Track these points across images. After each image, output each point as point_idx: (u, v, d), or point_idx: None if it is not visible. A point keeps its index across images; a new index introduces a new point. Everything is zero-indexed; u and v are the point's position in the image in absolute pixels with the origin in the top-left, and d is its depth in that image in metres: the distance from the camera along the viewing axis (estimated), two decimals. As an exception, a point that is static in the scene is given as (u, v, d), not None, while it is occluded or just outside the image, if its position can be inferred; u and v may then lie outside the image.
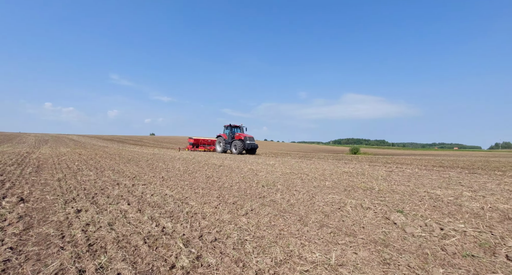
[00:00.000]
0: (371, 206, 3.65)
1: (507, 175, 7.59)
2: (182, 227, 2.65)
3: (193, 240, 2.32)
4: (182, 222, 2.81)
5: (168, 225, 2.67)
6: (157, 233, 2.47)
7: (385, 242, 2.38)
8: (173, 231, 2.54)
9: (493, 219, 3.06)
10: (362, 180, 6.23)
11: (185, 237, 2.39)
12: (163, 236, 2.37)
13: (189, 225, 2.70)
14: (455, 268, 1.87)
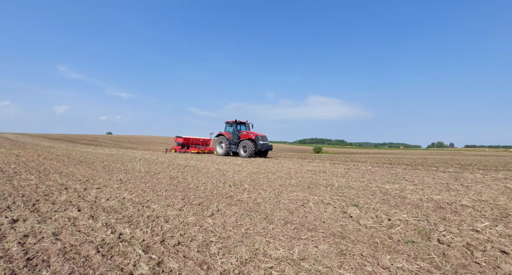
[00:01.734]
0: (331, 201, 3.92)
1: (440, 170, 8.87)
2: (142, 232, 2.49)
3: (154, 246, 2.19)
4: (142, 227, 2.64)
5: (126, 231, 2.48)
6: (112, 240, 2.27)
7: (342, 234, 2.58)
8: (131, 237, 2.36)
9: (429, 208, 3.55)
10: (323, 178, 6.63)
11: (145, 242, 2.25)
12: (120, 244, 2.19)
13: (150, 229, 2.55)
14: (399, 254, 2.11)
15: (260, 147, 14.23)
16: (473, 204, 3.77)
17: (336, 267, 1.85)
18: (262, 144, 14.28)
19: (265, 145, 14.44)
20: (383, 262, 1.91)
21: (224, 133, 16.14)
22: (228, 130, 16.40)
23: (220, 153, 15.89)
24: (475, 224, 2.81)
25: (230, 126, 16.32)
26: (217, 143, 16.32)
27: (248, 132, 15.11)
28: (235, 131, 15.69)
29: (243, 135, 15.18)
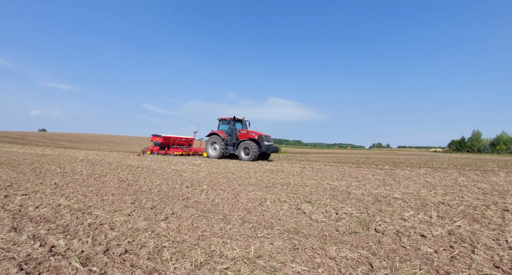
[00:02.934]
0: (287, 199, 4.11)
1: (378, 168, 10.15)
2: (80, 242, 2.19)
3: (96, 257, 1.96)
4: (82, 236, 2.33)
5: (60, 243, 2.15)
6: (41, 255, 1.94)
7: (296, 230, 2.73)
8: (66, 249, 2.06)
9: (369, 201, 4.02)
10: (281, 176, 6.91)
11: (85, 254, 1.99)
12: (51, 257, 1.89)
13: (91, 239, 2.26)
14: (344, 244, 2.34)
15: (265, 148, 12.43)
16: (403, 196, 4.43)
17: (289, 262, 1.95)
18: (268, 145, 12.54)
19: (270, 147, 12.77)
20: (330, 253, 2.09)
21: (218, 132, 13.73)
22: (223, 129, 14.09)
23: (213, 155, 13.64)
24: (403, 214, 3.30)
25: (227, 124, 14.00)
26: (209, 144, 13.88)
27: (248, 131, 13.13)
28: (234, 130, 13.46)
29: (243, 135, 13.11)
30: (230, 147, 13.32)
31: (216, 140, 13.48)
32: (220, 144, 13.24)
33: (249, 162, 12.00)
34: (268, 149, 12.56)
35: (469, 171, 9.48)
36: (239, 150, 12.71)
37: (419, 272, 1.82)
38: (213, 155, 13.60)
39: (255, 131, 12.97)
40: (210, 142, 13.82)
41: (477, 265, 1.95)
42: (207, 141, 14.18)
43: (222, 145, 13.17)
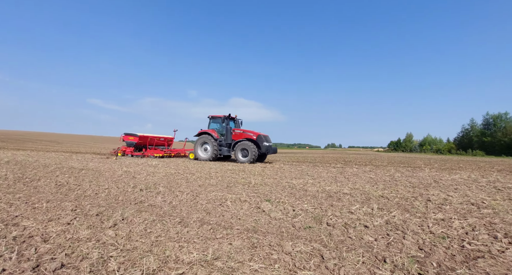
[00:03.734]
0: (247, 198, 4.15)
1: (331, 166, 11.03)
2: (1, 260, 1.84)
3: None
4: (4, 252, 1.96)
5: (-28, 263, 1.77)
6: None
7: (255, 228, 2.78)
8: (-19, 270, 1.71)
9: (322, 198, 4.34)
10: (242, 176, 6.95)
11: (7, 273, 1.68)
12: (-42, 283, 1.54)
13: (15, 255, 1.92)
14: (299, 239, 2.48)
15: (264, 149, 11.64)
16: (351, 191, 4.90)
17: (247, 261, 1.97)
18: (267, 146, 11.73)
19: (270, 147, 11.96)
20: (286, 249, 2.19)
21: (209, 131, 12.48)
22: (215, 127, 12.89)
23: (204, 157, 12.34)
24: (351, 207, 3.66)
25: (221, 122, 12.70)
26: (198, 144, 12.52)
27: (244, 131, 12.14)
28: (229, 129, 12.21)
29: (238, 134, 12.11)
30: (225, 148, 12.16)
31: (208, 140, 12.20)
32: (212, 145, 12.01)
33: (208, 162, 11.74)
34: (268, 150, 11.76)
35: (403, 167, 11.03)
36: (236, 151, 11.71)
37: (361, 259, 2.04)
38: (204, 157, 12.32)
39: (252, 130, 12.08)
40: (200, 142, 12.44)
41: (407, 248, 2.28)
42: (196, 141, 12.64)
43: (215, 145, 11.97)
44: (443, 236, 2.57)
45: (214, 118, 13.05)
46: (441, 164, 13.80)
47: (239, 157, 11.63)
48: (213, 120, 13.10)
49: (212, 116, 13.11)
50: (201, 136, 12.57)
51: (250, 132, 11.90)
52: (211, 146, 12.12)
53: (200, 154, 12.54)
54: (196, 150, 12.58)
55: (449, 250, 2.26)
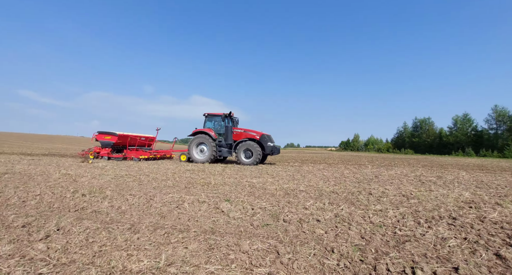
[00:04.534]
0: (206, 199, 4.05)
1: (290, 165, 11.57)
2: None
3: None
4: None
5: None
6: None
7: (213, 229, 2.73)
8: None
9: (280, 195, 4.52)
10: (202, 176, 6.76)
11: None
12: None
13: None
14: (257, 237, 2.53)
15: (269, 150, 10.98)
16: (306, 188, 5.22)
17: (203, 263, 1.92)
18: (272, 146, 11.09)
19: (275, 148, 11.29)
20: (243, 248, 2.21)
21: (206, 130, 11.43)
22: (212, 126, 11.91)
23: (200, 159, 11.25)
24: (306, 203, 3.90)
25: (221, 121, 11.73)
26: (194, 145, 11.37)
27: (246, 130, 11.39)
28: (229, 128, 11.34)
29: (239, 134, 11.37)
30: (225, 148, 11.33)
31: (205, 140, 11.16)
32: (210, 145, 11.06)
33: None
34: (273, 150, 11.17)
35: (351, 165, 12.25)
36: (238, 152, 10.93)
37: (313, 252, 2.19)
38: (200, 159, 11.26)
39: (254, 130, 11.45)
40: (196, 143, 11.33)
41: (351, 238, 2.54)
42: (190, 142, 11.45)
43: (213, 146, 11.05)
44: (380, 224, 2.94)
45: (211, 117, 12.02)
46: (381, 161, 15.75)
47: (242, 159, 10.89)
48: (209, 119, 12.07)
49: (209, 114, 12.02)
50: (197, 136, 11.41)
51: (253, 132, 11.30)
52: (209, 147, 11.13)
53: (196, 155, 11.41)
54: (191, 151, 11.38)
55: (384, 236, 2.59)
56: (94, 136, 12.37)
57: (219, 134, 11.71)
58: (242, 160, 10.85)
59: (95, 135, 12.29)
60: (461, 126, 37.19)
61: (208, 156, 11.13)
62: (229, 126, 11.39)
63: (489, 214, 3.33)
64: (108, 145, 11.97)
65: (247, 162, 10.75)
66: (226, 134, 11.33)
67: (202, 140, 11.27)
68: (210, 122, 12.06)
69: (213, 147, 11.02)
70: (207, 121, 12.07)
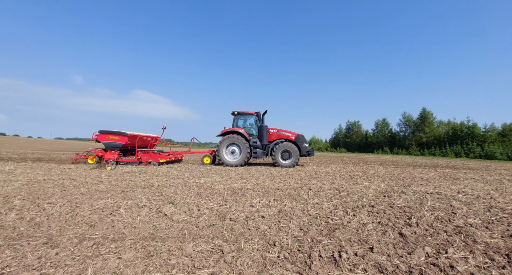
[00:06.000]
0: (147, 203, 3.74)
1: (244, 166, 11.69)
2: None
3: None
4: None
5: None
6: None
7: (153, 235, 2.54)
8: None
9: (228, 194, 4.53)
10: (143, 178, 6.20)
11: None
12: None
13: None
14: (202, 238, 2.48)
15: (304, 151, 10.51)
16: (254, 187, 5.38)
17: (139, 273, 1.78)
18: (307, 147, 10.60)
19: (311, 149, 10.82)
20: (186, 251, 2.14)
21: (238, 130, 10.35)
22: (243, 125, 11.02)
23: (232, 161, 10.22)
24: (252, 201, 4.02)
25: (249, 119, 11.00)
26: (224, 146, 10.28)
27: (279, 130, 10.78)
28: (265, 129, 10.56)
29: (272, 134, 10.76)
30: (260, 150, 10.48)
31: (238, 141, 10.18)
32: (244, 147, 10.14)
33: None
34: (309, 152, 10.78)
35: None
36: (275, 153, 10.29)
37: (256, 247, 2.28)
38: (232, 161, 10.25)
39: (287, 130, 10.93)
40: (226, 144, 10.29)
41: (292, 231, 2.75)
42: (220, 142, 10.32)
43: (247, 147, 10.15)
44: (316, 216, 3.28)
45: (242, 115, 11.13)
46: (320, 160, 17.51)
47: (279, 160, 10.33)
48: (239, 117, 11.15)
49: (239, 112, 11.04)
50: (228, 136, 10.34)
51: (287, 132, 10.84)
52: (243, 148, 10.23)
53: (226, 157, 10.40)
54: (221, 152, 10.35)
55: (319, 227, 2.90)
56: (94, 137, 10.26)
57: (249, 135, 11.02)
58: (280, 162, 10.36)
59: (96, 135, 10.19)
60: (381, 129, 44.58)
61: (242, 158, 10.26)
62: (265, 126, 10.70)
63: (397, 201, 4.12)
64: (116, 147, 10.06)
65: (285, 164, 10.35)
66: (261, 134, 10.67)
67: (234, 141, 10.29)
68: (241, 121, 11.23)
69: (247, 148, 10.22)
70: (238, 120, 11.21)
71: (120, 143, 10.08)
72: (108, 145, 10.19)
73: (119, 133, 10.12)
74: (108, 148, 10.20)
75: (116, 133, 10.14)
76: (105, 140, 10.21)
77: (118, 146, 10.09)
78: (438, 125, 35.82)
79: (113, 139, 10.19)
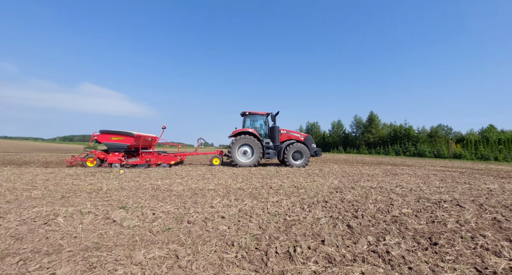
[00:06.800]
0: (93, 209, 3.36)
1: (201, 164, 11.37)
2: None
3: None
4: None
5: None
6: None
7: (98, 244, 2.29)
8: None
9: (187, 196, 4.36)
10: (90, 182, 5.56)
11: None
12: None
13: None
14: (155, 244, 2.33)
15: (313, 152, 10.88)
16: (215, 187, 5.29)
17: (79, 288, 1.58)
18: (315, 148, 10.94)
19: (318, 150, 11.13)
20: (136, 259, 1.98)
21: (251, 131, 10.36)
22: (254, 125, 11.09)
23: (246, 162, 10.24)
24: (213, 202, 3.95)
25: (259, 120, 11.13)
26: (237, 146, 10.20)
27: (289, 131, 11.10)
28: (277, 129, 10.73)
29: (284, 135, 11.01)
30: (272, 150, 10.64)
31: (251, 141, 10.19)
32: (257, 147, 10.21)
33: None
34: (317, 152, 11.08)
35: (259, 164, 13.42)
36: (287, 153, 10.39)
37: (214, 248, 2.25)
38: (246, 162, 10.22)
39: (296, 131, 11.28)
40: (239, 144, 10.18)
41: (251, 229, 2.78)
42: (233, 143, 10.15)
43: (260, 148, 10.23)
44: (275, 214, 3.39)
45: (252, 115, 11.11)
46: (283, 159, 18.17)
47: (292, 161, 10.48)
48: (250, 118, 11.13)
49: (250, 113, 11.00)
50: (240, 137, 10.22)
51: (296, 133, 11.16)
52: (256, 149, 10.24)
53: (239, 158, 10.33)
54: (234, 153, 10.19)
55: (277, 223, 3.00)
56: (94, 137, 9.39)
57: (261, 135, 11.12)
58: (293, 162, 10.52)
59: (96, 136, 9.31)
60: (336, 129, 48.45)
61: (256, 158, 10.27)
62: (277, 127, 10.79)
63: (347, 196, 4.51)
64: (120, 149, 9.36)
65: (297, 164, 10.52)
66: (273, 135, 10.79)
67: (247, 141, 10.24)
68: (253, 122, 11.24)
69: (260, 149, 10.28)
70: (250, 120, 11.19)
71: (126, 144, 9.31)
72: (112, 146, 9.35)
73: (124, 133, 9.33)
74: (112, 149, 9.38)
75: (121, 133, 9.34)
76: (107, 141, 9.33)
77: (123, 147, 9.34)
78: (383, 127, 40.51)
79: (117, 140, 9.35)
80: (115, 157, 9.23)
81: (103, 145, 9.56)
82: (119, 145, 9.38)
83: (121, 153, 9.46)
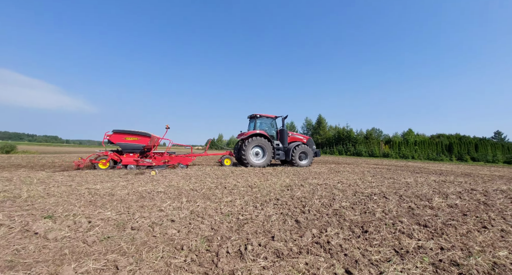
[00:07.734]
0: (6, 221, 2.78)
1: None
2: None
3: None
4: None
5: None
6: None
7: (12, 262, 1.90)
8: None
9: (132, 200, 3.99)
10: (3, 188, 4.57)
11: None
12: None
13: None
14: (89, 256, 2.06)
15: (315, 153, 12.07)
16: (166, 189, 4.98)
17: (-19, 319, 1.29)
18: (317, 150, 12.18)
19: (317, 151, 12.23)
20: (65, 274, 1.72)
21: (262, 133, 10.65)
22: (263, 127, 11.47)
23: (258, 163, 10.46)
24: (162, 205, 3.71)
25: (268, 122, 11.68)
26: (249, 147, 10.31)
27: (293, 133, 12.06)
28: (286, 132, 11.39)
29: (289, 138, 11.82)
30: (282, 152, 11.24)
31: (263, 143, 10.59)
32: (269, 148, 10.70)
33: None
34: (317, 153, 12.15)
35: (214, 163, 13.17)
36: (294, 154, 11.14)
37: (161, 255, 2.12)
38: (258, 163, 10.56)
39: (299, 133, 12.35)
40: (248, 147, 10.41)
41: (202, 231, 2.72)
42: (246, 145, 10.40)
43: (271, 149, 10.70)
44: (228, 213, 3.39)
45: (262, 118, 11.58)
46: (239, 158, 18.27)
47: (297, 160, 11.22)
48: (259, 120, 11.50)
49: (261, 116, 11.46)
50: (253, 138, 10.50)
51: (299, 135, 12.17)
52: (268, 150, 10.70)
53: (252, 159, 10.62)
54: (247, 154, 10.42)
55: (230, 223, 3.01)
56: (106, 138, 8.53)
57: (272, 137, 11.58)
58: (299, 162, 11.27)
59: (109, 136, 8.52)
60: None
61: (268, 159, 10.71)
62: (286, 130, 11.53)
63: (296, 193, 4.83)
64: (136, 150, 8.88)
65: (303, 164, 11.35)
66: (283, 137, 11.48)
67: (259, 143, 10.59)
68: (259, 124, 11.56)
69: (272, 150, 10.79)
70: (256, 122, 11.45)
71: (141, 144, 8.82)
72: (126, 147, 8.75)
73: (140, 133, 8.80)
74: (126, 150, 8.80)
75: (136, 133, 8.78)
76: (121, 141, 8.70)
77: (138, 148, 8.83)
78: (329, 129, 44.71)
79: (132, 140, 8.80)
80: (130, 158, 8.75)
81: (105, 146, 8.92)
82: (135, 145, 8.82)
83: (136, 154, 8.97)
